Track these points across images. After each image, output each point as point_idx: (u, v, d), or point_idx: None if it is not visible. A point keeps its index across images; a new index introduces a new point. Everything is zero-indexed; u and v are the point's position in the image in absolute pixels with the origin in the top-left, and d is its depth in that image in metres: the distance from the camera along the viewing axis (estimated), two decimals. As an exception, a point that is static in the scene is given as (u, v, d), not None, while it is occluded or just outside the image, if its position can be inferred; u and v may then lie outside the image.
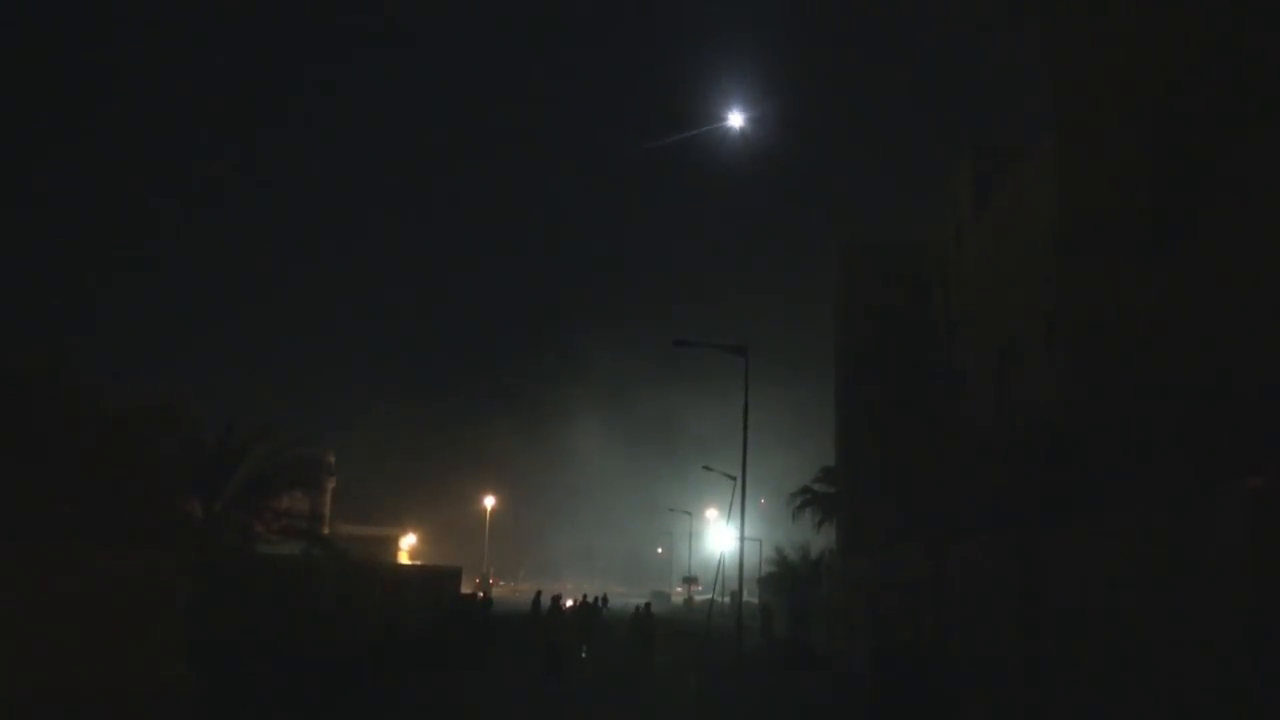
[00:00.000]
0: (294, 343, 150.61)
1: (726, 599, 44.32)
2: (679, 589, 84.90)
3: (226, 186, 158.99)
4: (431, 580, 32.34)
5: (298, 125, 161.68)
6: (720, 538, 57.48)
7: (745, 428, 25.37)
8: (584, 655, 29.22)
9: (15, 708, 10.46)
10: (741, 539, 27.79)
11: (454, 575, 35.31)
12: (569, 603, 37.24)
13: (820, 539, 39.28)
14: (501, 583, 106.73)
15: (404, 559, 77.80)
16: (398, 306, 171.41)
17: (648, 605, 27.90)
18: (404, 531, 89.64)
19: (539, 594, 30.93)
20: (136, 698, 12.26)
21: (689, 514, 79.29)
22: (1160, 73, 11.61)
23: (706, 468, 43.40)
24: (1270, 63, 9.70)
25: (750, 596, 44.93)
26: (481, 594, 44.82)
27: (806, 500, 40.13)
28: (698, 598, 72.84)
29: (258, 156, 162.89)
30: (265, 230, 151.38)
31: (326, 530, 32.74)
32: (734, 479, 27.74)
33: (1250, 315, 9.86)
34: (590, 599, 34.32)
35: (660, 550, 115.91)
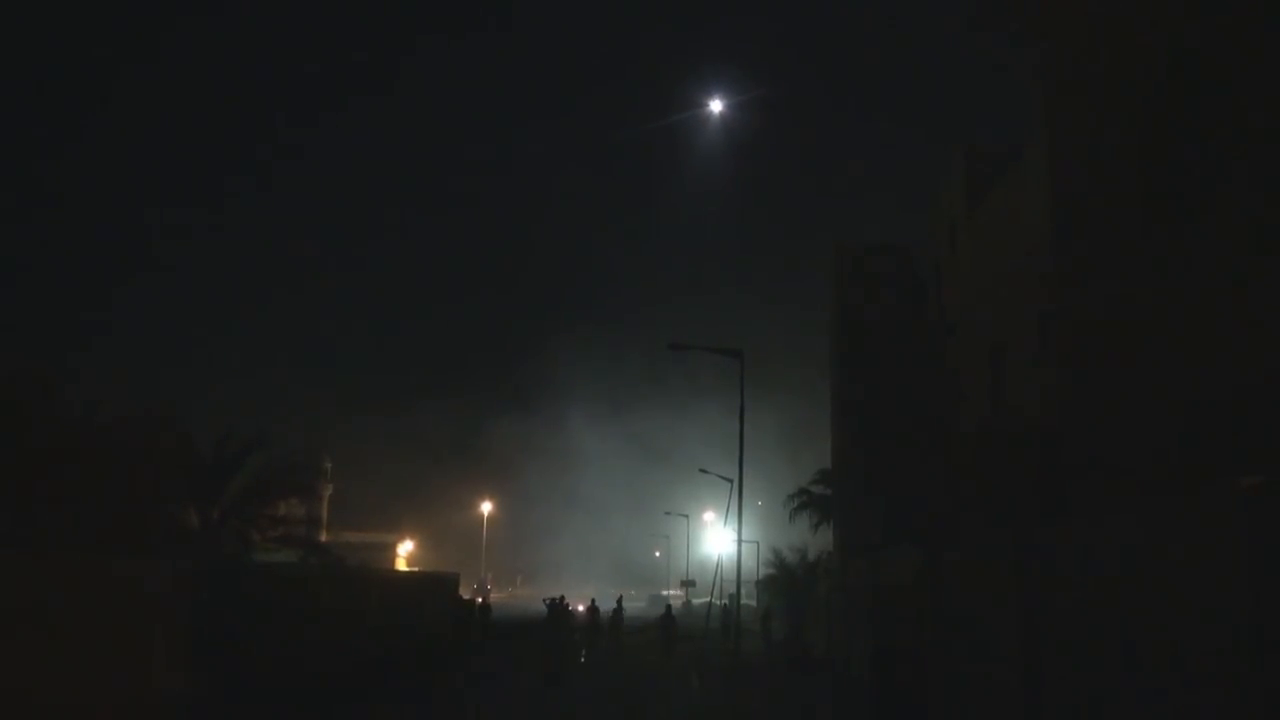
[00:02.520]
0: (289, 350, 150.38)
1: (724, 601, 44.29)
2: (675, 592, 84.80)
3: (224, 192, 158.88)
4: (430, 586, 32.34)
5: (289, 136, 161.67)
6: (718, 540, 57.40)
7: (741, 430, 25.39)
8: (582, 659, 29.31)
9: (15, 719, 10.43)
10: (739, 541, 27.80)
11: (452, 581, 35.32)
12: (579, 607, 37.16)
13: (818, 541, 39.26)
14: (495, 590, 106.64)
15: (402, 565, 77.76)
16: (392, 312, 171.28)
17: (668, 608, 28.55)
18: (401, 538, 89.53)
19: (554, 599, 30.85)
20: (137, 708, 12.25)
21: (686, 517, 79.18)
22: (1151, 71, 11.66)
23: (703, 470, 43.39)
24: (1261, 58, 9.74)
25: (748, 599, 44.85)
26: (480, 599, 44.77)
27: (803, 502, 40.08)
28: (695, 600, 72.80)
29: (254, 159, 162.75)
30: (258, 236, 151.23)
31: (324, 537, 32.71)
32: (730, 482, 27.74)
33: (1246, 313, 9.91)
34: (612, 604, 34.06)
35: (658, 553, 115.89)
